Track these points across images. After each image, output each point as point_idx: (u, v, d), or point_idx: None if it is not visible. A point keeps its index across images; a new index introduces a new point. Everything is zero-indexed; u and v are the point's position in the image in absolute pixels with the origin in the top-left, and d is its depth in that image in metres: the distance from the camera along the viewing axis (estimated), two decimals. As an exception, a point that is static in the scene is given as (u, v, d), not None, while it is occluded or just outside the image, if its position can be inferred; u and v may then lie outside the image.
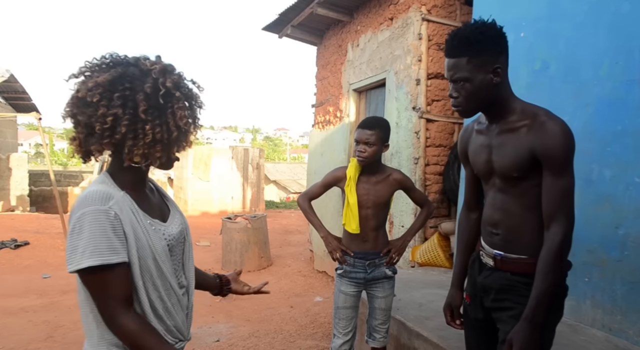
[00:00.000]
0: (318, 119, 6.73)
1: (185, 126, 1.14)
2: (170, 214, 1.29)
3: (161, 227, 1.20)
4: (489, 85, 1.39)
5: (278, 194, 20.87)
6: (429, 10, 4.24)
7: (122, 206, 1.08)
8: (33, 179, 14.13)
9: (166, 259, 1.17)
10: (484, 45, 1.37)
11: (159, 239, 1.15)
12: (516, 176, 1.41)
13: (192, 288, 1.32)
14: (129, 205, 1.11)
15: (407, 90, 4.39)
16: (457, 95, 1.43)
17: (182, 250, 1.29)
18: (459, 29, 1.42)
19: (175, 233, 1.24)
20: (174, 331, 1.21)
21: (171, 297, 1.19)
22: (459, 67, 1.38)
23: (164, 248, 1.16)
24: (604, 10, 2.47)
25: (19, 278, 5.93)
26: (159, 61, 1.15)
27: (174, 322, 1.20)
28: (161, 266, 1.15)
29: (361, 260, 2.37)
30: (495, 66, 1.37)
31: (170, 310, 1.19)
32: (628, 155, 2.32)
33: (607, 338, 2.39)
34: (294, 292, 5.65)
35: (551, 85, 2.72)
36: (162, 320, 1.17)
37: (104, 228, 1.03)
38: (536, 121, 1.36)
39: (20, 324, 4.18)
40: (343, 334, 2.40)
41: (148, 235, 1.12)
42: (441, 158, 4.34)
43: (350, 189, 2.33)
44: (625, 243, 2.33)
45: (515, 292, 1.43)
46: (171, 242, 1.21)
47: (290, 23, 6.19)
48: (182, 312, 1.25)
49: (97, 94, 1.05)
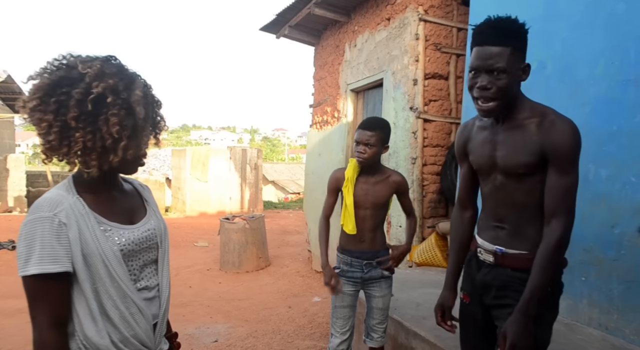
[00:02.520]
0: (316, 119, 6.74)
1: (117, 134, 1.06)
2: (145, 217, 1.26)
3: (121, 230, 1.15)
4: (518, 82, 1.38)
5: (276, 194, 20.84)
6: (426, 10, 4.25)
7: (69, 213, 1.06)
8: (30, 179, 14.07)
9: (118, 265, 1.11)
10: (524, 40, 1.36)
11: (110, 244, 1.11)
12: (520, 172, 1.41)
13: (164, 296, 1.25)
14: (80, 211, 1.08)
15: (404, 91, 4.39)
16: (490, 86, 1.35)
17: (152, 256, 1.25)
18: (495, 19, 1.37)
19: (138, 237, 1.19)
20: (133, 342, 1.14)
21: (129, 305, 1.13)
22: (501, 56, 1.32)
23: (115, 253, 1.11)
24: (599, 11, 2.48)
25: (16, 279, 5.88)
26: (97, 63, 1.07)
27: (133, 332, 1.14)
28: (112, 272, 1.09)
29: (358, 260, 2.37)
30: (527, 64, 1.37)
31: (128, 319, 1.13)
32: (624, 155, 2.33)
33: (603, 337, 2.40)
34: (292, 293, 5.65)
35: (547, 85, 2.73)
36: (117, 329, 1.11)
37: (47, 236, 1.01)
38: (546, 119, 1.36)
39: (18, 325, 4.17)
40: (340, 333, 2.40)
41: (97, 241, 1.09)
42: (438, 158, 4.35)
43: (348, 190, 2.34)
44: (621, 242, 2.33)
45: (515, 288, 1.43)
46: (128, 247, 1.15)
47: (287, 23, 6.19)
48: (146, 322, 1.17)
49: (36, 98, 1.03)
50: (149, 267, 1.24)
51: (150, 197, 1.35)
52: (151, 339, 1.19)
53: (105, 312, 1.10)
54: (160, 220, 1.30)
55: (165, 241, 1.28)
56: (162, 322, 1.25)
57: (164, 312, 1.24)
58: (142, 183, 1.39)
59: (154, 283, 1.24)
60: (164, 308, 1.24)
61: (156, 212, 1.32)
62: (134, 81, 1.11)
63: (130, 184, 1.32)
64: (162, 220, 1.31)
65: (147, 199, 1.33)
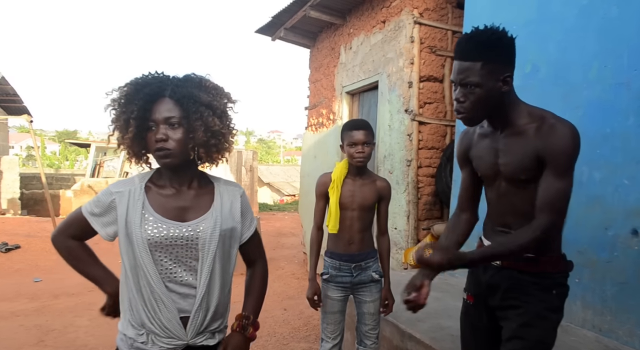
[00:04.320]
0: (311, 122, 6.74)
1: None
2: (199, 218, 1.34)
3: (159, 222, 1.29)
4: (497, 93, 1.37)
5: (272, 196, 20.81)
6: (421, 13, 4.27)
7: (125, 195, 1.31)
8: (24, 181, 13.99)
9: (144, 250, 1.27)
10: (499, 52, 1.36)
11: (142, 230, 1.27)
12: (524, 179, 1.41)
13: (200, 293, 1.32)
14: (135, 196, 1.31)
15: (399, 93, 4.41)
16: (464, 99, 1.39)
17: (190, 255, 1.32)
18: (473, 32, 1.39)
19: (175, 234, 1.29)
20: (157, 325, 1.28)
21: (153, 291, 1.28)
22: (471, 71, 1.35)
23: (143, 240, 1.27)
24: (593, 14, 2.50)
25: (9, 282, 5.87)
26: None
27: (157, 316, 1.28)
28: (137, 256, 1.27)
29: (347, 264, 2.35)
30: (506, 74, 1.36)
31: (152, 303, 1.28)
32: (617, 158, 2.35)
33: (597, 338, 2.41)
34: (287, 295, 5.64)
35: (541, 88, 2.74)
36: (145, 308, 1.28)
37: (101, 199, 1.33)
38: (545, 123, 1.36)
39: (11, 328, 4.14)
40: (332, 338, 2.39)
41: (134, 224, 1.28)
42: (433, 160, 4.36)
43: (334, 190, 2.33)
44: (614, 244, 2.35)
45: (521, 290, 1.44)
46: (157, 238, 1.27)
47: (283, 26, 6.19)
48: (168, 312, 1.29)
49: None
50: (184, 264, 1.32)
51: (231, 200, 1.42)
52: (178, 331, 1.29)
53: (140, 289, 1.28)
54: (216, 225, 1.34)
55: (209, 245, 1.33)
56: (196, 318, 1.31)
57: (197, 309, 1.31)
58: (235, 187, 1.48)
59: (189, 280, 1.32)
60: (197, 306, 1.31)
61: (220, 216, 1.36)
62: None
63: (213, 184, 1.43)
64: (217, 226, 1.34)
65: (224, 202, 1.40)
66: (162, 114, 1.26)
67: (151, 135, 1.28)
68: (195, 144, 1.30)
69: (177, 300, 1.30)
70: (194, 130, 1.28)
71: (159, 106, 1.27)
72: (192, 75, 1.34)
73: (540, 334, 1.42)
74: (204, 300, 1.32)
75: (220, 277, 1.36)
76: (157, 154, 1.28)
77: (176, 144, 1.27)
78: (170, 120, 1.27)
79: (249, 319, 1.44)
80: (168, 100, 1.27)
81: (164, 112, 1.27)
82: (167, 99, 1.27)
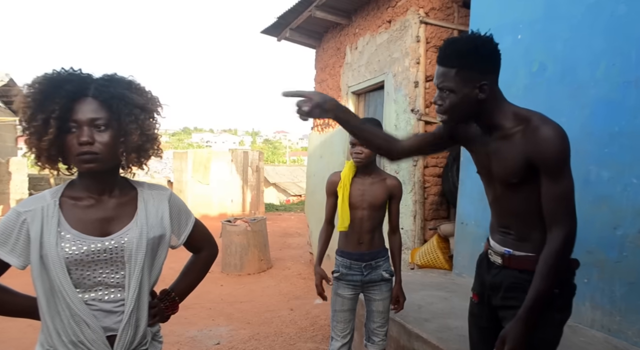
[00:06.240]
0: (317, 122, 6.74)
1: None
2: (122, 229, 1.23)
3: (78, 239, 1.17)
4: (472, 100, 1.39)
5: (278, 196, 20.84)
6: (427, 12, 4.25)
7: (36, 214, 1.17)
8: (33, 182, 14.09)
9: (61, 271, 1.15)
10: (475, 61, 1.37)
11: (58, 249, 1.15)
12: (515, 182, 1.42)
13: (129, 308, 1.21)
14: (49, 213, 1.18)
15: (405, 93, 4.40)
16: (441, 103, 1.44)
17: (115, 269, 1.22)
18: (454, 38, 1.43)
19: (96, 249, 1.18)
20: (81, 347, 1.17)
21: (72, 313, 1.16)
22: (446, 76, 1.39)
23: (60, 260, 1.15)
24: (600, 12, 2.48)
25: (18, 282, 5.89)
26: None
27: (79, 338, 1.16)
28: (54, 277, 1.15)
29: (357, 262, 2.37)
30: (482, 83, 1.37)
31: (72, 325, 1.16)
32: (625, 156, 2.33)
33: (606, 339, 2.40)
34: (294, 295, 5.65)
35: (548, 87, 2.73)
36: (65, 330, 1.16)
37: (8, 224, 1.17)
38: (529, 127, 1.36)
39: (20, 328, 4.17)
40: (341, 336, 2.41)
41: (50, 244, 1.15)
42: (440, 160, 4.35)
43: (343, 189, 2.35)
44: (623, 244, 2.33)
45: (521, 290, 1.43)
46: (76, 256, 1.16)
47: (289, 26, 6.20)
48: (92, 332, 1.17)
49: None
50: (109, 280, 1.21)
51: (157, 206, 1.31)
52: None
53: (58, 311, 1.17)
54: (142, 235, 1.24)
55: (136, 257, 1.22)
56: (124, 336, 1.21)
57: (124, 327, 1.20)
58: (161, 190, 1.36)
59: (115, 297, 1.22)
60: (125, 322, 1.20)
61: (145, 225, 1.26)
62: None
63: (137, 190, 1.31)
64: (142, 236, 1.24)
65: (149, 208, 1.29)
66: (85, 115, 1.15)
67: (71, 138, 1.15)
68: (127, 148, 1.21)
69: (101, 318, 1.19)
70: (128, 133, 1.19)
71: (81, 106, 1.15)
72: (117, 76, 1.24)
73: (540, 333, 1.41)
74: (133, 316, 1.22)
75: (149, 289, 1.28)
76: (81, 158, 1.15)
77: (104, 147, 1.16)
78: (96, 122, 1.15)
79: (170, 295, 1.40)
80: (91, 100, 1.16)
81: (87, 112, 1.15)
82: (90, 98, 1.16)
